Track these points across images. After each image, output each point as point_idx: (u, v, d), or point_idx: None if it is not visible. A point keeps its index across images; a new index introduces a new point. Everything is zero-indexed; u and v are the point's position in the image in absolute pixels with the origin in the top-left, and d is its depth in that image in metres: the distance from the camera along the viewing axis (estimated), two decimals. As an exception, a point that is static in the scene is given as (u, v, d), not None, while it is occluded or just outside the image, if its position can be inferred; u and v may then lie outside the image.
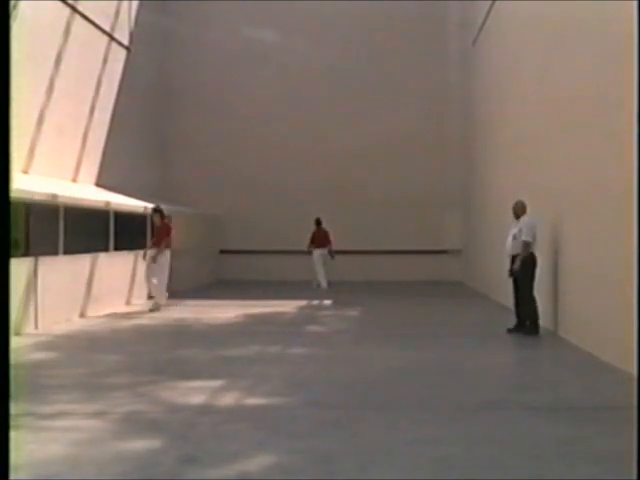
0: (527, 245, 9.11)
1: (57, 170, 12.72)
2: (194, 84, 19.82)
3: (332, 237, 17.16)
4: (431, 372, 7.06)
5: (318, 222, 17.29)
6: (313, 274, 17.10)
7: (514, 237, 9.31)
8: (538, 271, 9.18)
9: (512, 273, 9.32)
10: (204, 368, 7.28)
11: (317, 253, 17.04)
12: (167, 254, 12.41)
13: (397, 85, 19.60)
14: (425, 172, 19.43)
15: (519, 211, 9.46)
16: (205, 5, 19.60)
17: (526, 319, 9.20)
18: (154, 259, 12.18)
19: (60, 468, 4.05)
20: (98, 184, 14.50)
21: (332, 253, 17.11)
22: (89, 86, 14.41)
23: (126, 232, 13.43)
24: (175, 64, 19.82)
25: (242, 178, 19.62)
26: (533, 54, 11.06)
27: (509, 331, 9.34)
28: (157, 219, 12.60)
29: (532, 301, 9.14)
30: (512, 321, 9.50)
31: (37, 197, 10.07)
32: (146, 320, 11.39)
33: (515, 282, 9.41)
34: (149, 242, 13.14)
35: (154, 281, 12.32)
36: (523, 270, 9.16)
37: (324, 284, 16.81)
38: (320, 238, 17.14)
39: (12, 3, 10.31)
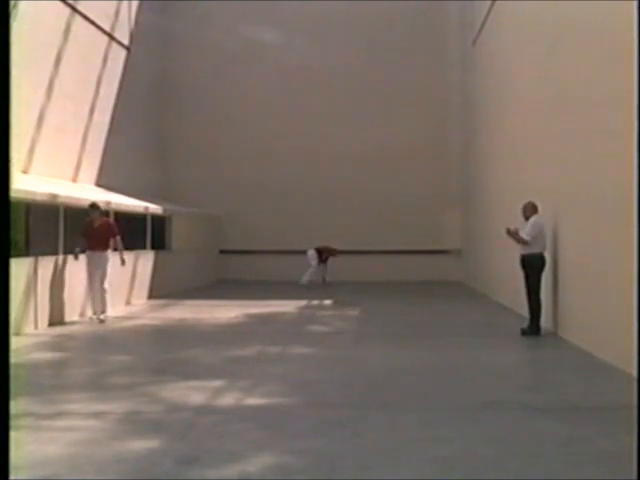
0: (524, 242, 9.11)
1: (57, 170, 12.73)
2: (194, 84, 19.82)
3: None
4: (431, 372, 7.05)
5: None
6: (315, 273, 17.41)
7: None
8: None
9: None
10: (204, 368, 7.28)
11: (309, 252, 17.44)
12: (109, 256, 11.04)
13: (397, 85, 19.61)
14: (425, 172, 19.43)
15: (527, 212, 9.40)
16: (205, 5, 19.61)
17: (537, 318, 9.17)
18: (96, 262, 10.81)
19: (60, 468, 4.05)
20: (98, 184, 14.51)
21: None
22: (89, 86, 14.42)
23: (126, 232, 13.41)
24: (175, 64, 19.82)
25: (242, 178, 19.62)
26: (533, 54, 11.06)
27: (523, 331, 9.28)
28: (96, 216, 10.99)
29: (537, 301, 9.13)
30: (512, 321, 9.49)
31: (37, 197, 10.07)
32: (146, 320, 11.39)
33: (526, 281, 9.39)
34: (73, 242, 10.95)
35: (105, 287, 10.86)
36: (531, 270, 9.16)
37: (303, 281, 17.26)
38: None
39: (12, 3, 10.31)
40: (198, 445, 4.50)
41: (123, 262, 11.29)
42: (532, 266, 9.16)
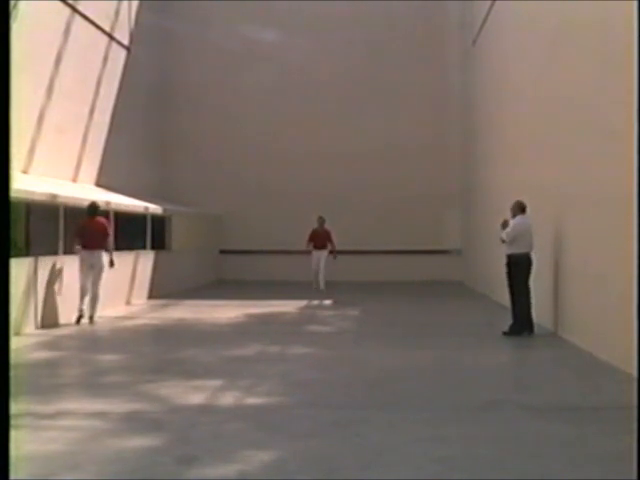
0: (502, 241, 9.19)
1: (57, 170, 12.72)
2: (194, 84, 19.81)
3: (334, 237, 16.69)
4: (431, 372, 7.05)
5: (320, 221, 16.83)
6: (313, 275, 16.73)
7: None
8: (534, 270, 9.20)
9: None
10: (204, 368, 7.28)
11: (315, 254, 16.60)
12: (103, 256, 10.81)
13: (397, 85, 19.59)
14: (425, 172, 19.42)
15: (514, 211, 9.41)
16: (205, 5, 19.59)
17: (523, 319, 9.18)
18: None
19: (60, 468, 4.05)
20: (98, 184, 14.51)
21: (334, 254, 16.49)
22: (89, 86, 14.41)
23: (126, 232, 13.42)
24: (175, 64, 19.81)
25: (242, 178, 19.61)
26: (533, 54, 11.06)
27: (504, 334, 9.30)
28: (92, 216, 10.81)
29: (526, 301, 9.14)
30: (511, 321, 9.48)
31: (37, 197, 10.07)
32: (146, 320, 11.39)
33: (510, 283, 9.41)
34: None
35: (99, 288, 10.72)
36: (516, 271, 9.18)
37: (321, 286, 16.37)
38: (320, 238, 16.67)
39: (12, 3, 10.31)
40: (198, 445, 4.50)
41: (112, 264, 10.92)
42: (517, 266, 9.17)
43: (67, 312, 10.58)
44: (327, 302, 14.33)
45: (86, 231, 10.66)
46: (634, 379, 6.03)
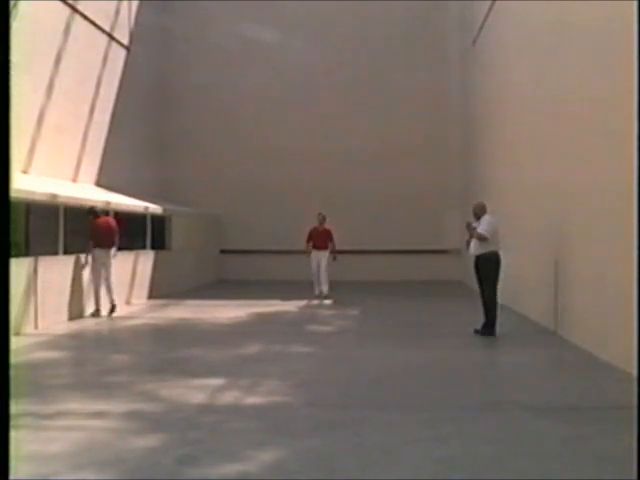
0: (483, 238, 9.03)
1: (57, 170, 12.73)
2: (194, 84, 19.82)
3: (335, 236, 15.17)
4: (431, 372, 7.05)
5: (320, 218, 15.11)
6: (314, 279, 15.12)
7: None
8: (535, 270, 9.18)
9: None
10: (204, 367, 7.28)
11: (314, 255, 14.98)
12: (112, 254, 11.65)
13: (397, 85, 19.60)
14: (425, 172, 19.42)
15: (479, 211, 9.36)
16: (205, 5, 19.61)
17: (493, 319, 9.16)
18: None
19: (60, 468, 4.05)
20: (98, 184, 14.51)
21: (334, 254, 15.00)
22: (89, 86, 14.42)
23: (126, 232, 13.42)
24: (175, 64, 19.82)
25: (242, 178, 19.62)
26: (533, 53, 11.06)
27: (475, 332, 9.29)
28: (99, 216, 11.56)
29: (494, 302, 9.11)
30: (511, 321, 9.50)
31: (37, 197, 10.08)
32: (146, 320, 11.40)
33: (480, 282, 9.38)
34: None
35: (112, 282, 11.59)
36: (486, 270, 9.15)
37: (317, 291, 14.84)
38: (320, 237, 15.01)
39: (12, 3, 10.30)
40: (198, 444, 4.50)
41: (114, 256, 11.84)
42: (488, 266, 9.09)
43: (68, 311, 10.62)
44: (327, 302, 14.32)
45: (97, 231, 11.43)
46: (634, 379, 6.04)
